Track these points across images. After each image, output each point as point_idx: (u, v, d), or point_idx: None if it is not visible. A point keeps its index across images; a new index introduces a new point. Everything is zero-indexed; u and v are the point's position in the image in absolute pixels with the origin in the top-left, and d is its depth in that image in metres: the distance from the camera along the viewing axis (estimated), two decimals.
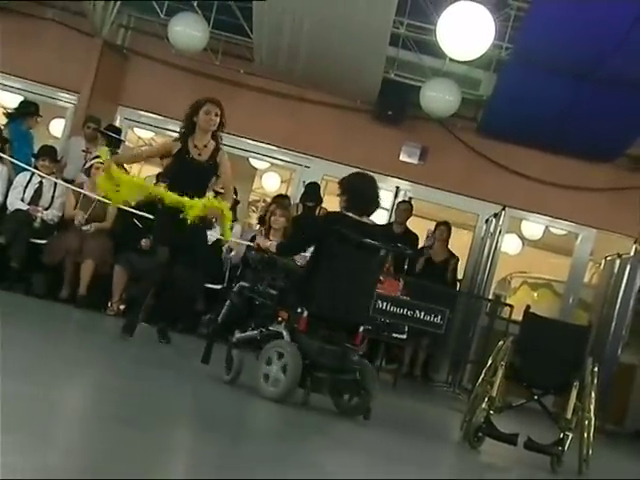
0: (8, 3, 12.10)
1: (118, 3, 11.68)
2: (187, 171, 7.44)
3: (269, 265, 6.16)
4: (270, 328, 5.84)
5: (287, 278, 6.01)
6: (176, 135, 7.78)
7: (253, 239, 9.84)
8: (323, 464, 4.41)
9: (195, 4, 11.49)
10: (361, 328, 5.90)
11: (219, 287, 9.61)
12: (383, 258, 6.38)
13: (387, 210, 12.73)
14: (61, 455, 3.15)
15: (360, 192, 6.01)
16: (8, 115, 10.78)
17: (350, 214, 5.93)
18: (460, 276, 11.89)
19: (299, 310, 5.71)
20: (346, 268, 5.78)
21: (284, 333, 5.74)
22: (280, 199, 10.77)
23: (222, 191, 9.72)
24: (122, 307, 9.51)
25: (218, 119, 7.50)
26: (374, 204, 6.08)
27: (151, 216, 9.23)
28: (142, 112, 12.50)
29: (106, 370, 5.79)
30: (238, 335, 6.02)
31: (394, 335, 9.53)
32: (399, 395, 9.25)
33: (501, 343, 6.33)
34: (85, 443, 3.51)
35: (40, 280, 9.49)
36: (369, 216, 6.09)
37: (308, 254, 6.38)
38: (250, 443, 4.37)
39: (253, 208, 14.49)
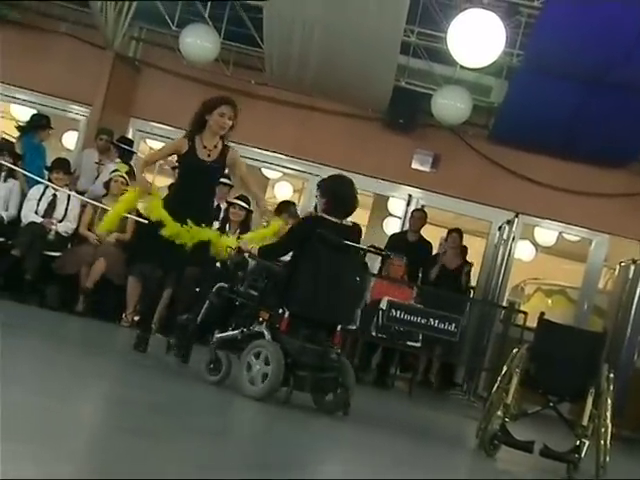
0: (22, 18, 12.19)
1: (129, 16, 11.74)
2: (195, 173, 7.02)
3: (245, 267, 6.29)
4: (251, 328, 5.95)
5: (267, 279, 6.06)
6: (184, 132, 7.25)
7: None
8: (338, 470, 4.41)
9: (206, 15, 11.54)
10: (339, 327, 6.05)
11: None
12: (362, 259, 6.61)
13: (400, 218, 12.75)
14: (72, 465, 3.15)
15: (339, 195, 6.14)
16: (20, 129, 10.83)
17: (329, 217, 6.05)
18: (474, 283, 11.86)
19: (280, 310, 5.83)
20: (326, 269, 5.91)
21: (265, 333, 5.85)
22: (285, 205, 10.75)
23: (235, 201, 9.77)
24: (136, 318, 9.52)
25: (231, 123, 6.99)
26: (352, 206, 6.20)
27: None
28: (154, 123, 12.56)
29: (118, 381, 5.80)
30: (218, 335, 6.11)
31: (408, 343, 9.51)
32: (414, 403, 9.23)
33: (516, 350, 6.30)
34: (96, 453, 3.52)
35: (54, 292, 9.50)
36: (347, 218, 6.21)
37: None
38: (266, 450, 4.37)
39: (266, 218, 14.48)
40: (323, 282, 5.88)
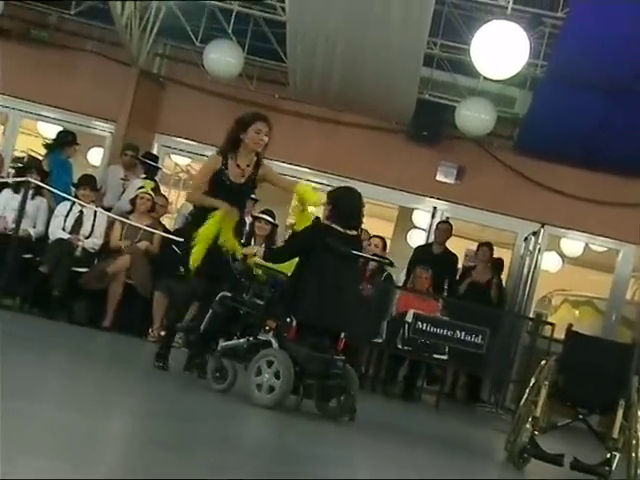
0: (48, 37, 12.32)
1: (154, 32, 11.84)
2: (224, 194, 6.72)
3: (250, 275, 6.29)
4: (258, 337, 5.98)
5: (274, 288, 6.09)
6: (217, 149, 6.98)
7: None
8: None
9: (230, 31, 11.60)
10: (342, 334, 6.11)
11: None
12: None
13: (425, 230, 12.72)
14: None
15: (346, 207, 6.25)
16: (47, 146, 10.94)
17: (335, 226, 6.12)
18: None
19: (288, 319, 5.87)
20: (332, 278, 6.00)
21: (273, 341, 5.88)
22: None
23: (261, 215, 9.77)
24: (162, 333, 9.55)
25: (267, 139, 6.74)
26: (355, 218, 6.30)
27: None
28: (179, 139, 12.63)
29: (143, 396, 5.82)
30: (223, 344, 6.15)
31: (435, 356, 9.48)
32: (441, 416, 9.19)
33: (544, 362, 6.26)
34: (124, 468, 3.52)
35: (82, 308, 9.57)
36: (352, 229, 6.26)
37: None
38: (295, 463, 4.37)
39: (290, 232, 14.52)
40: (329, 291, 5.98)
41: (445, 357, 9.51)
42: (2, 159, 11.05)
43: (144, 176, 10.61)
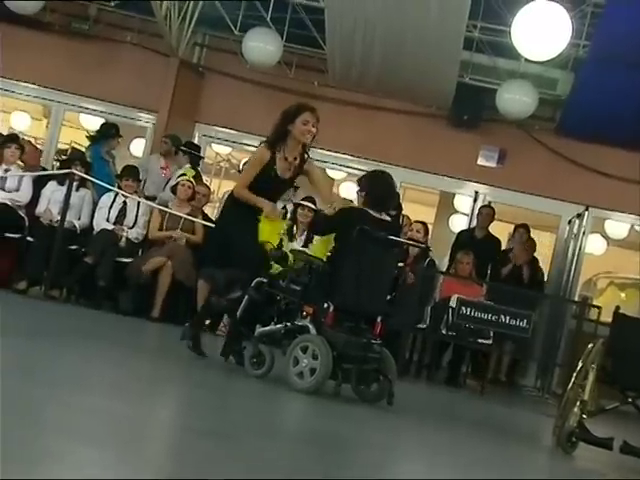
0: (89, 30, 12.43)
1: (193, 23, 11.88)
2: (269, 189, 6.67)
3: (286, 262, 6.28)
4: (296, 322, 6.00)
5: (311, 273, 6.09)
6: (264, 140, 6.80)
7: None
8: (416, 470, 4.40)
9: (268, 19, 11.61)
10: (379, 318, 6.11)
11: None
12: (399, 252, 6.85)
13: (467, 215, 12.66)
14: (145, 469, 3.19)
15: (379, 191, 6.25)
16: (91, 138, 11.05)
17: (370, 211, 6.13)
18: (545, 278, 11.70)
19: (325, 305, 5.88)
20: (368, 262, 6.01)
21: (310, 327, 5.90)
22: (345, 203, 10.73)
23: (303, 202, 9.77)
24: (207, 322, 9.62)
25: (315, 130, 6.53)
26: (391, 202, 6.40)
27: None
28: (219, 128, 12.68)
29: (188, 384, 5.86)
30: (260, 330, 6.17)
31: (479, 341, 9.44)
32: (487, 402, 9.15)
33: (591, 346, 6.20)
34: (170, 456, 3.56)
35: (127, 298, 9.66)
36: (387, 214, 6.28)
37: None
38: (344, 451, 4.38)
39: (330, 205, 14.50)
40: (366, 275, 5.99)
41: (490, 342, 9.47)
42: (39, 152, 11.18)
43: (188, 166, 10.66)
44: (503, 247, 11.46)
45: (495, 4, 10.72)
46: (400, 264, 9.61)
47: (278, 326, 6.11)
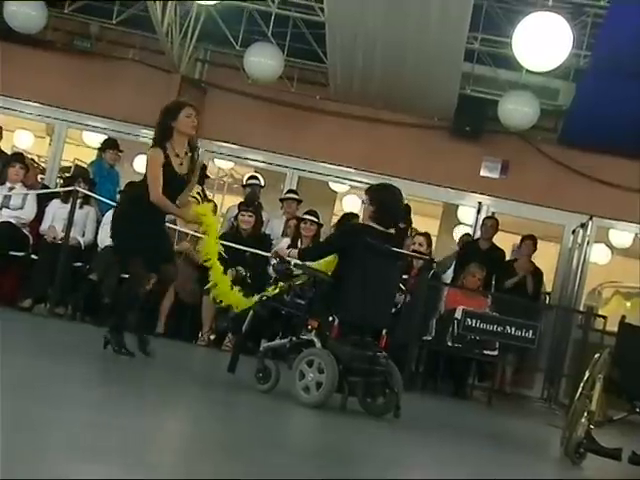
0: (91, 47, 12.48)
1: (194, 38, 11.93)
2: (172, 186, 6.78)
3: (290, 276, 6.29)
4: (301, 336, 5.99)
5: (315, 287, 6.10)
6: (152, 141, 6.90)
7: None
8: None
9: (269, 34, 11.65)
10: (384, 331, 6.13)
11: None
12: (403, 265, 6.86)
13: (470, 226, 12.65)
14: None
15: (388, 206, 6.19)
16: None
17: (375, 225, 6.10)
18: (549, 289, 11.69)
19: (331, 318, 5.89)
20: (373, 276, 6.02)
21: (315, 341, 5.90)
22: (349, 217, 10.75)
23: (306, 217, 9.79)
24: (212, 337, 9.62)
25: (197, 122, 6.89)
26: (399, 218, 6.37)
27: (238, 246, 9.37)
28: (221, 143, 12.70)
29: (197, 399, 5.85)
30: (266, 344, 6.19)
31: (485, 352, 9.42)
32: (494, 413, 9.12)
33: (597, 356, 6.18)
34: (178, 471, 3.55)
35: (132, 314, 9.63)
36: (393, 228, 6.28)
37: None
38: (359, 466, 4.37)
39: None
40: (370, 289, 6.00)
41: (496, 353, 9.45)
42: (36, 170, 11.20)
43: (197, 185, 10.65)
44: (507, 258, 11.46)
45: (495, 16, 10.76)
46: (404, 276, 9.64)
47: (284, 341, 6.11)
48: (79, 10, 12.33)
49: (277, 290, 6.27)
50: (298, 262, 6.26)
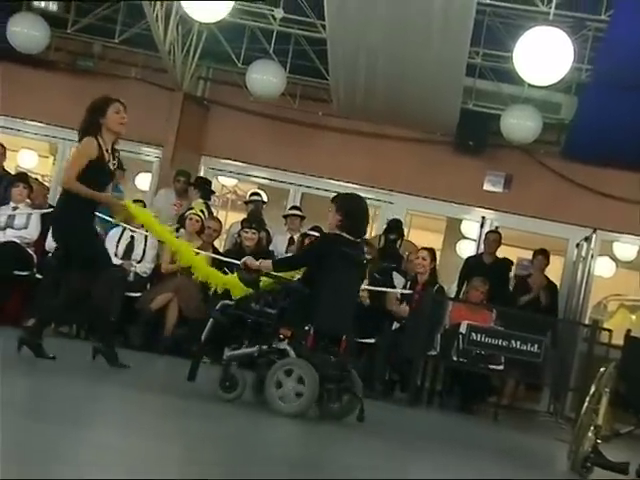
0: (94, 66, 12.52)
1: (196, 56, 11.98)
2: (105, 180, 6.69)
3: (258, 285, 6.31)
4: (273, 345, 6.02)
5: (288, 297, 6.11)
6: (81, 133, 6.67)
7: None
8: None
9: (271, 51, 11.69)
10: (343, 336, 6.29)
11: None
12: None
13: (474, 241, 12.64)
14: None
15: (355, 215, 6.31)
16: None
17: (344, 234, 6.19)
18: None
19: (306, 327, 5.96)
20: (345, 285, 6.21)
21: (289, 350, 5.93)
22: None
23: (311, 233, 9.78)
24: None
25: (126, 119, 6.73)
26: (365, 227, 6.45)
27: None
28: (224, 160, 12.73)
29: (199, 417, 5.83)
30: (230, 353, 6.15)
31: (491, 367, 9.39)
32: (500, 427, 9.09)
33: (603, 369, 6.16)
34: None
35: (137, 332, 9.66)
36: (360, 237, 6.36)
37: None
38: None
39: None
40: (342, 297, 6.18)
41: (501, 367, 9.42)
42: (46, 189, 11.22)
43: (201, 201, 10.69)
44: (511, 273, 11.44)
45: (497, 30, 10.79)
46: (409, 291, 9.64)
47: (251, 349, 6.10)
48: (82, 30, 12.38)
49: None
50: (270, 272, 6.26)
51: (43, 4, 11.93)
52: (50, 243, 9.37)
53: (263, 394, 5.99)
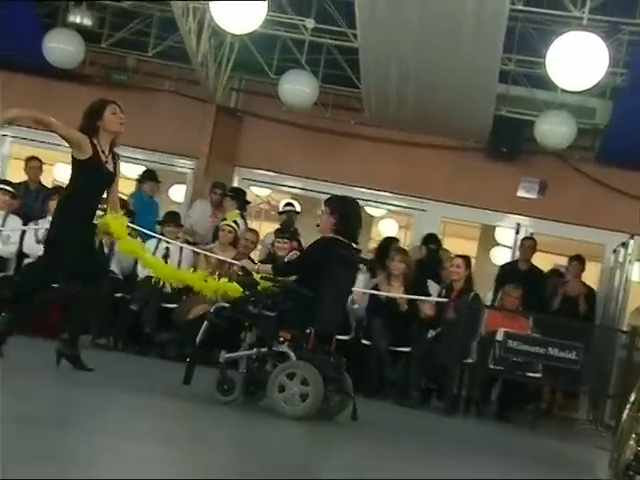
0: (127, 80, 12.63)
1: (229, 68, 12.06)
2: (99, 178, 6.59)
3: (255, 287, 6.30)
4: (272, 348, 6.02)
5: (288, 299, 6.10)
6: (80, 132, 6.59)
7: (376, 288, 9.82)
8: None
9: (303, 61, 11.73)
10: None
11: (347, 337, 9.49)
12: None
13: (510, 248, 12.57)
14: None
15: (349, 218, 6.36)
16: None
17: (340, 237, 6.25)
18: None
19: (307, 330, 6.02)
20: (343, 287, 6.36)
21: (289, 353, 5.93)
22: (388, 242, 10.75)
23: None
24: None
25: (124, 119, 6.69)
26: (359, 231, 6.50)
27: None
28: (258, 170, 12.77)
29: (227, 425, 5.82)
30: (226, 355, 6.15)
31: (528, 374, 9.33)
32: (539, 435, 9.01)
33: None
34: None
35: (173, 343, 9.70)
36: (353, 240, 6.41)
37: None
38: None
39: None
40: (339, 299, 6.33)
41: (539, 375, 9.35)
42: None
43: (237, 212, 10.76)
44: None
45: (530, 37, 10.74)
46: (444, 299, 9.60)
47: (250, 351, 6.11)
48: (115, 44, 12.51)
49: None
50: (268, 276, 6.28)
51: (78, 19, 12.05)
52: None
53: (254, 396, 6.08)
